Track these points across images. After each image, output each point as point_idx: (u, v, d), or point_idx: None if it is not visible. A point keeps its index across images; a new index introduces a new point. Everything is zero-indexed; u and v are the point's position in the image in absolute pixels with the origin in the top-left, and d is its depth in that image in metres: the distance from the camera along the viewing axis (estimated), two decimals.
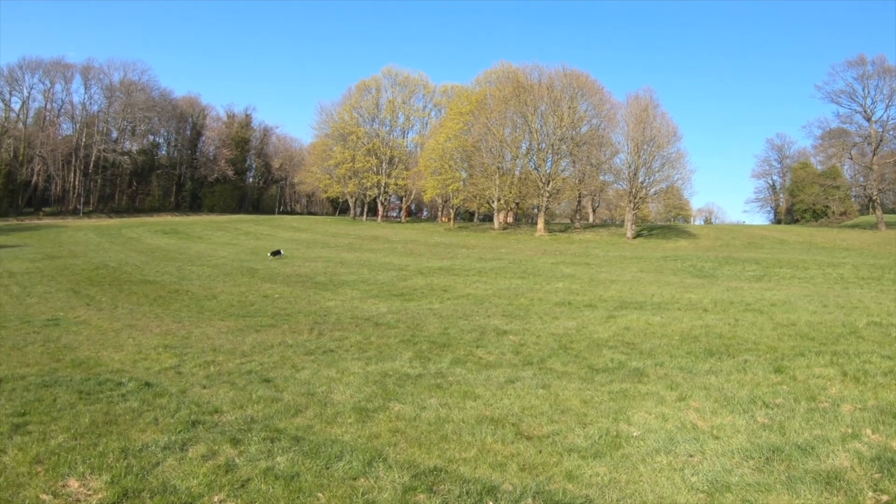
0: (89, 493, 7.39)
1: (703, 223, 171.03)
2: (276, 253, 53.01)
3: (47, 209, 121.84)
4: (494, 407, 10.69)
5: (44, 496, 7.29)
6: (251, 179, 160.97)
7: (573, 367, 13.85)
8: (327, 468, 8.00)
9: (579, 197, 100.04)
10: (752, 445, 8.60)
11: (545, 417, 10.07)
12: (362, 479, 7.68)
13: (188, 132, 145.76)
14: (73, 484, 7.60)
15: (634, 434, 9.25)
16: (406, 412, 10.43)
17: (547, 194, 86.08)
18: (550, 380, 12.55)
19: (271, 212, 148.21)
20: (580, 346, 16.10)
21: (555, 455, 8.47)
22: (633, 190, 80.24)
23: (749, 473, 7.75)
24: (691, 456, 8.38)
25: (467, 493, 7.36)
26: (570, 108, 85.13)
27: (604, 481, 7.69)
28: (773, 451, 8.32)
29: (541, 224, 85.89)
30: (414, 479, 7.64)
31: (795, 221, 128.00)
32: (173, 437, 9.12)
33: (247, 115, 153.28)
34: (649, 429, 9.45)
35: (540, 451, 8.61)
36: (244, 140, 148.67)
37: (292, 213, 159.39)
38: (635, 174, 79.91)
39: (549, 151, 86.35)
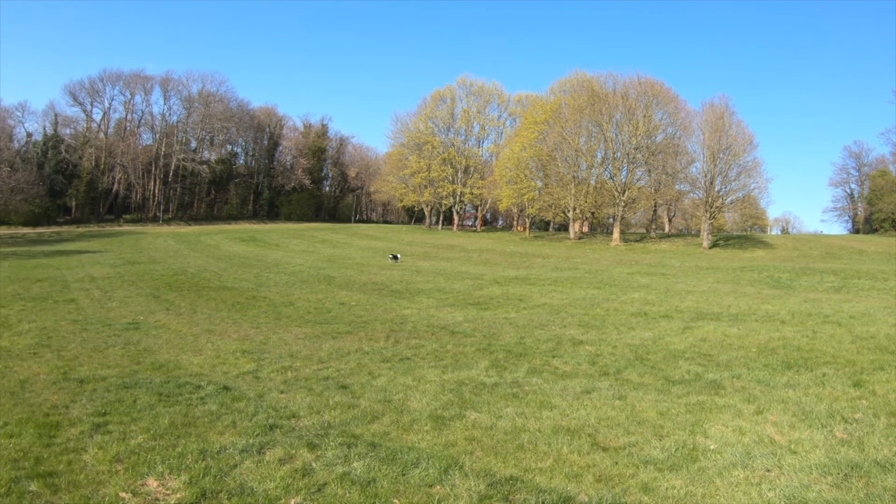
0: (168, 492, 7.53)
1: (779, 233, 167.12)
2: (395, 257, 55.12)
3: (128, 216, 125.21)
4: (570, 417, 10.61)
5: (123, 494, 7.45)
6: (328, 188, 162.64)
7: (649, 378, 13.70)
8: (403, 475, 8.03)
9: (655, 206, 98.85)
10: (830, 461, 8.43)
11: (621, 429, 9.98)
12: (438, 487, 7.70)
13: (265, 142, 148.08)
14: (152, 483, 7.76)
15: (711, 447, 9.12)
16: (482, 421, 10.42)
17: (622, 204, 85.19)
18: (627, 391, 12.43)
19: (347, 220, 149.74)
20: (656, 358, 15.94)
21: (631, 467, 8.40)
22: (710, 199, 78.97)
23: (827, 490, 7.59)
24: (768, 471, 8.23)
25: (543, 503, 7.34)
26: (645, 116, 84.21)
27: (680, 494, 7.61)
28: (852, 468, 8.15)
29: (616, 233, 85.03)
30: (490, 488, 7.64)
31: (874, 231, 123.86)
32: (251, 441, 9.26)
33: (323, 125, 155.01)
34: (726, 442, 9.32)
35: (616, 463, 8.54)
36: (321, 149, 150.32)
37: (368, 221, 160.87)
38: (711, 183, 78.69)
39: (625, 160, 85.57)
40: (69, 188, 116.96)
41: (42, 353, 16.40)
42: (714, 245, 78.28)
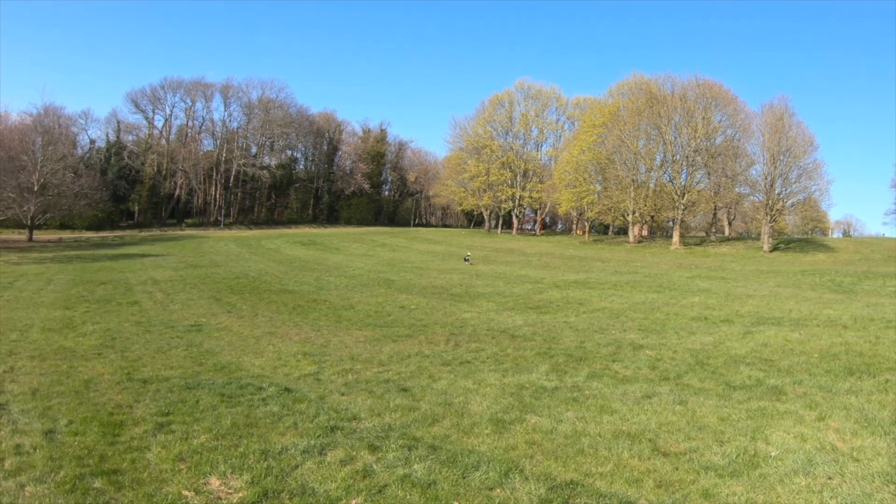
0: (230, 491, 7.62)
1: (841, 236, 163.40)
2: (466, 259, 56.43)
3: (189, 220, 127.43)
4: (631, 422, 10.56)
5: (186, 493, 7.55)
6: (387, 192, 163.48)
7: (710, 383, 13.58)
8: (464, 477, 8.05)
9: (714, 209, 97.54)
10: (893, 469, 8.31)
11: (682, 434, 9.91)
12: (498, 490, 7.70)
13: (325, 147, 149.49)
14: (215, 482, 7.86)
15: (772, 454, 9.02)
16: (542, 425, 10.39)
17: (682, 207, 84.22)
18: (687, 396, 12.34)
19: (407, 224, 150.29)
20: (717, 363, 15.79)
21: (691, 473, 8.34)
22: (770, 202, 77.66)
23: (890, 499, 7.49)
24: (830, 478, 8.12)
25: None
26: (703, 118, 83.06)
27: (740, 501, 7.55)
28: None
29: (676, 237, 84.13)
30: (550, 492, 7.63)
31: None
32: (312, 442, 9.33)
33: (382, 130, 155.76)
34: (787, 449, 9.21)
35: (676, 468, 8.49)
36: (380, 154, 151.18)
37: (427, 225, 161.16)
38: (772, 186, 77.44)
39: (684, 163, 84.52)
40: (132, 193, 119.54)
41: (106, 354, 16.73)
42: (774, 248, 76.92)
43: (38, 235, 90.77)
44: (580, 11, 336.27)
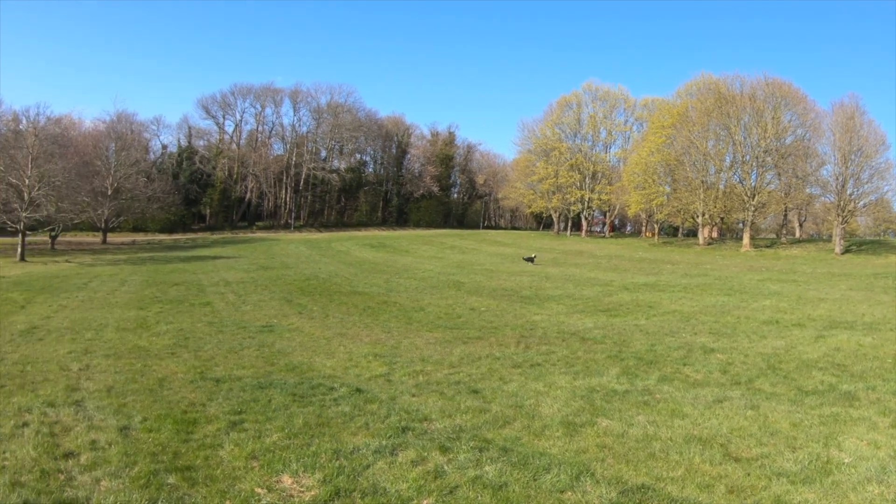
0: (302, 490, 7.70)
1: None
2: (530, 259, 56.46)
3: (260, 223, 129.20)
4: (702, 426, 10.47)
5: (259, 490, 7.64)
6: (456, 195, 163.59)
7: (782, 388, 13.40)
8: (535, 480, 8.04)
9: (785, 211, 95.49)
10: None
11: (753, 439, 9.80)
12: (569, 493, 7.68)
13: (394, 150, 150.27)
14: (287, 480, 7.94)
15: (845, 461, 8.88)
16: (613, 428, 10.35)
17: (752, 208, 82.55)
18: (759, 401, 12.19)
19: (476, 226, 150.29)
20: (789, 367, 15.56)
21: (763, 479, 8.24)
22: (841, 203, 75.64)
23: None
24: None
25: None
26: (773, 118, 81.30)
27: None
28: None
29: (746, 239, 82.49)
30: (621, 496, 7.61)
31: None
32: (384, 442, 9.38)
33: (450, 133, 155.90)
34: (861, 456, 9.05)
35: (748, 474, 8.38)
36: (448, 157, 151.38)
37: (496, 227, 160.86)
38: (843, 186, 75.52)
39: (754, 164, 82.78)
40: (203, 197, 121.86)
41: (179, 353, 17.07)
42: (846, 251, 74.85)
43: (112, 238, 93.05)
44: (646, 12, 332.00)
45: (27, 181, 62.92)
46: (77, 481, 7.84)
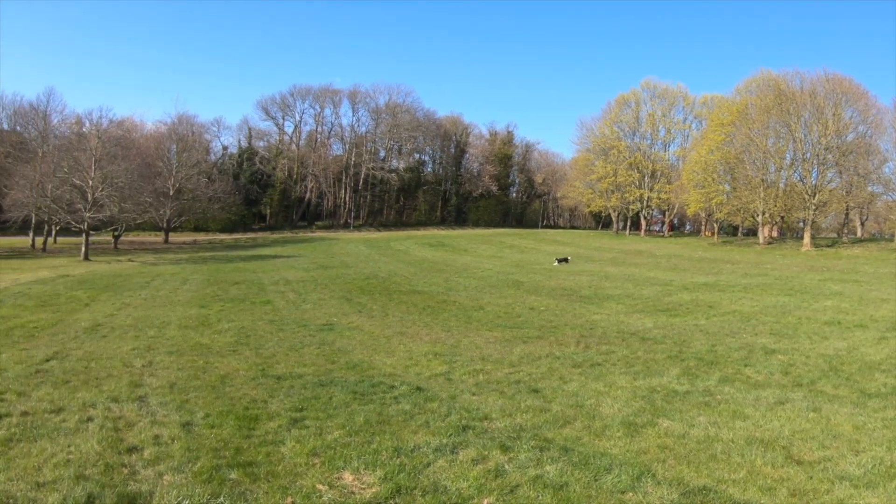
0: (363, 486, 7.72)
1: None
2: (564, 260, 56.02)
3: (319, 223, 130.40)
4: (764, 428, 10.39)
5: (320, 486, 7.68)
6: (514, 194, 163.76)
7: (844, 390, 13.25)
8: (595, 480, 8.01)
9: (846, 209, 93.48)
10: None
11: (816, 442, 9.71)
12: (630, 494, 7.66)
13: (452, 150, 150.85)
14: (348, 477, 7.98)
15: None
16: (674, 429, 10.30)
17: (813, 207, 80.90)
18: (821, 403, 12.07)
19: (534, 226, 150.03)
20: (851, 369, 15.37)
21: (826, 482, 8.14)
22: None
23: None
24: None
25: None
26: (834, 115, 79.54)
27: None
28: None
29: (807, 238, 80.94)
30: (682, 498, 7.58)
31: None
32: (444, 440, 9.40)
33: (508, 132, 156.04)
34: None
35: (811, 477, 8.29)
36: (507, 156, 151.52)
37: (555, 226, 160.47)
38: None
39: (815, 161, 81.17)
40: (263, 197, 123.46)
41: (241, 351, 17.27)
42: None
43: (174, 237, 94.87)
44: (705, 8, 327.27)
45: (90, 182, 64.39)
46: (140, 475, 7.95)
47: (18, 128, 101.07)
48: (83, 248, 63.32)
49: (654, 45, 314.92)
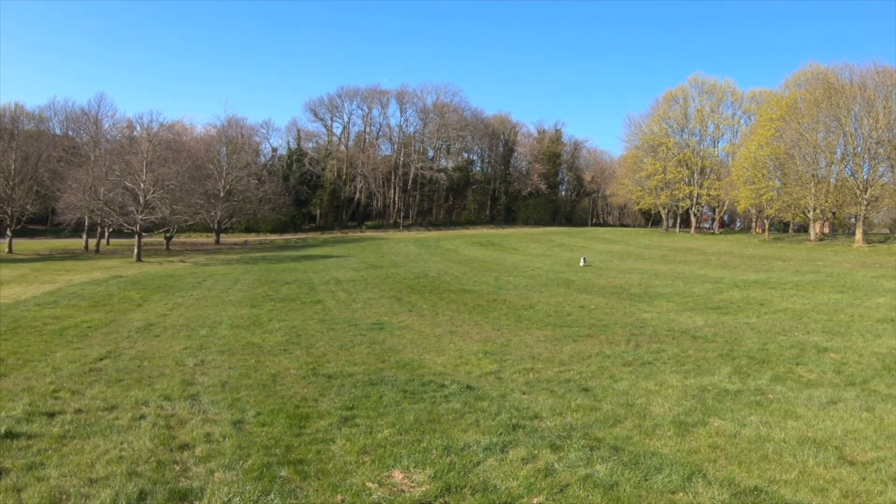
0: (413, 485, 7.73)
1: None
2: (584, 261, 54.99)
3: (369, 223, 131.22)
4: (816, 428, 10.23)
5: (370, 484, 7.70)
6: (563, 192, 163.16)
7: None
8: (646, 480, 7.97)
9: None
10: None
11: (869, 442, 9.51)
12: (681, 494, 7.59)
13: (500, 149, 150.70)
14: (398, 475, 7.99)
15: None
16: (725, 428, 10.20)
17: (865, 202, 78.97)
18: (874, 402, 11.83)
19: (584, 224, 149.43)
20: None
21: (879, 483, 7.99)
22: None
23: None
24: None
25: None
26: (885, 107, 77.36)
27: None
28: None
29: (859, 234, 78.98)
30: (733, 498, 7.51)
31: None
32: (494, 439, 9.38)
33: (556, 131, 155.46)
34: None
35: (863, 479, 8.12)
36: (555, 154, 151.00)
37: (605, 224, 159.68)
38: None
39: (866, 156, 79.37)
40: (313, 197, 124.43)
41: (291, 350, 17.43)
42: None
43: (225, 238, 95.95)
44: (751, 2, 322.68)
45: (142, 185, 65.55)
46: (192, 472, 8.04)
47: (71, 133, 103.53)
48: (135, 250, 64.41)
49: (701, 40, 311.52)
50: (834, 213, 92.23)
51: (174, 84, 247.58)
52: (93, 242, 75.72)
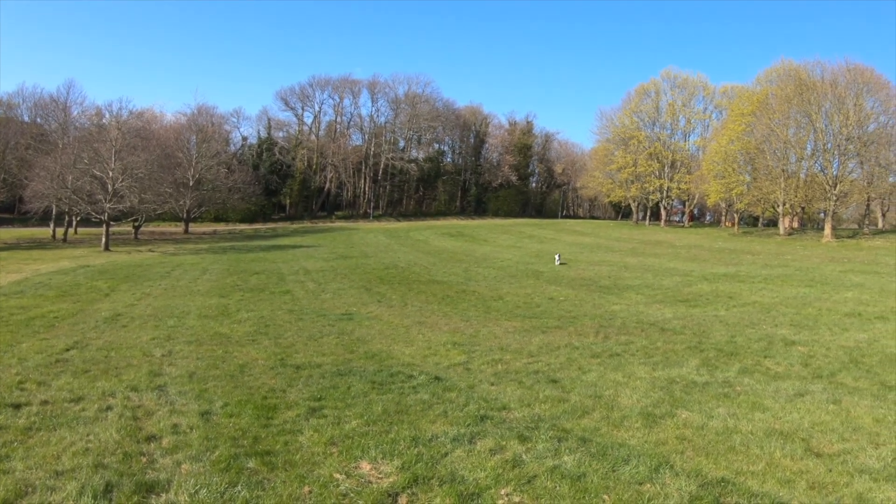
0: (380, 476, 7.76)
1: None
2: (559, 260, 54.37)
3: (339, 213, 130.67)
4: (783, 420, 10.43)
5: (337, 475, 7.72)
6: (534, 184, 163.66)
7: (864, 382, 13.27)
8: (613, 471, 8.05)
9: (868, 200, 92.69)
10: None
11: (835, 434, 9.74)
12: (648, 485, 7.68)
13: (472, 140, 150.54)
14: (365, 466, 8.02)
15: None
16: (693, 420, 10.34)
17: (834, 198, 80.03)
18: (841, 395, 12.08)
19: (554, 216, 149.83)
20: (872, 361, 15.37)
21: (845, 475, 8.18)
22: None
23: None
24: None
25: None
26: (855, 105, 78.55)
27: None
28: None
29: (827, 229, 80.00)
30: (700, 489, 7.60)
31: None
32: (462, 430, 9.43)
33: (528, 122, 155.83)
34: None
35: (830, 470, 8.32)
36: (526, 146, 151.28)
37: (575, 217, 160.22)
38: None
39: (836, 152, 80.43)
40: (283, 187, 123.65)
41: (260, 341, 17.38)
42: None
43: (194, 228, 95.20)
44: None
45: (111, 173, 64.71)
46: (159, 464, 8.02)
47: (39, 120, 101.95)
48: (103, 239, 63.65)
49: (674, 34, 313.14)
50: (803, 208, 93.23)
51: (144, 71, 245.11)
52: (60, 231, 74.58)
